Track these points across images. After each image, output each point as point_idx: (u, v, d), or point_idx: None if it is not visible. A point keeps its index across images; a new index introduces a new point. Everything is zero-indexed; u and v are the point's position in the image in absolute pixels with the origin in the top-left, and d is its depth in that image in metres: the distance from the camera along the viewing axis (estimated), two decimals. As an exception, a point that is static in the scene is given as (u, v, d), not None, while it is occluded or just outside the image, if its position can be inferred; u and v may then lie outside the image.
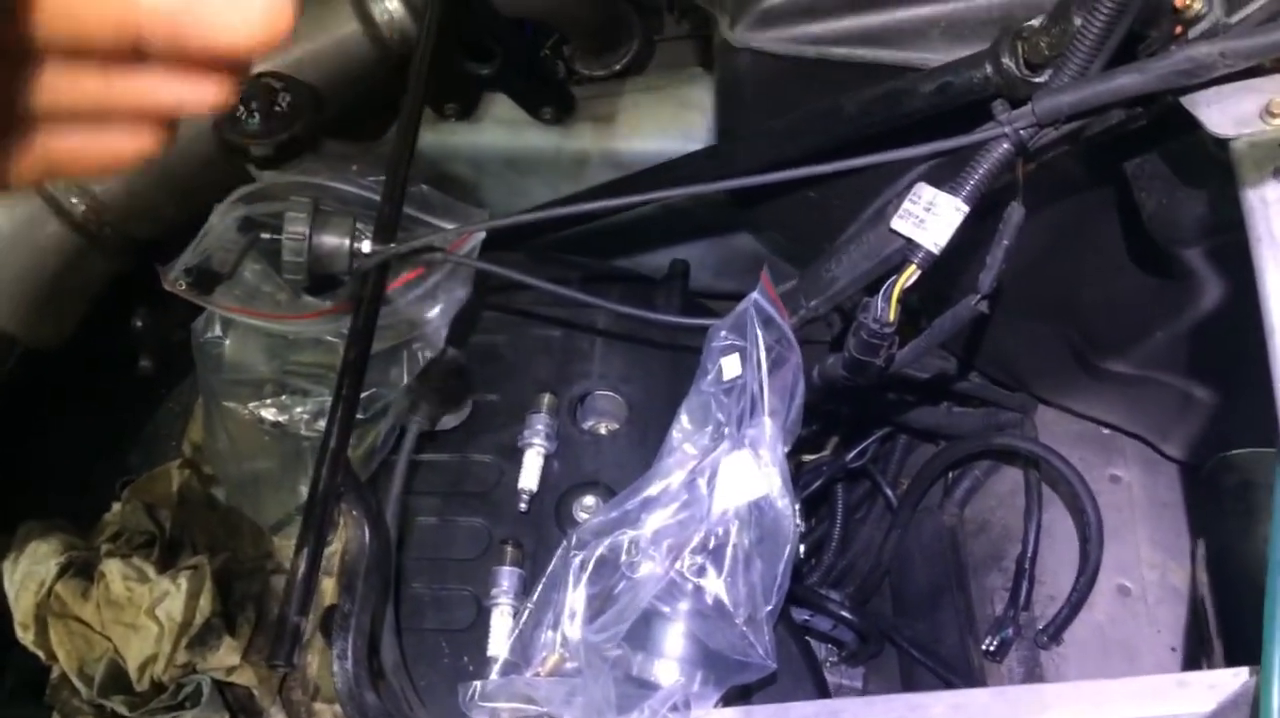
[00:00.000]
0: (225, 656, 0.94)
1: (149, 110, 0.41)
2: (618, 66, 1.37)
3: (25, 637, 0.97)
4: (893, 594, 1.27)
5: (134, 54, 0.38)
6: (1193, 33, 0.78)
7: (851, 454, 1.28)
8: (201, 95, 0.40)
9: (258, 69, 1.09)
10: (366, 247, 0.90)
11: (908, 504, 1.26)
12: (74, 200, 1.10)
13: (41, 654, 0.97)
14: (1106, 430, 1.27)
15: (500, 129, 1.26)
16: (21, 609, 0.96)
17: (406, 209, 0.95)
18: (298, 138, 1.03)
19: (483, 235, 0.97)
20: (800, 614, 1.12)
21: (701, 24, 1.41)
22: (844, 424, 1.29)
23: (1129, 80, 0.75)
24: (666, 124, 1.25)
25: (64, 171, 0.42)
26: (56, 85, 0.40)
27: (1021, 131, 0.79)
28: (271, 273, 0.95)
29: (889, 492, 1.29)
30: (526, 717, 0.85)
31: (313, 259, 0.90)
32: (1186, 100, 0.75)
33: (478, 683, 0.86)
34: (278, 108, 1.03)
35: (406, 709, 0.87)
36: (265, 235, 0.92)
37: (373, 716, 0.83)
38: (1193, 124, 0.76)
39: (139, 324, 1.29)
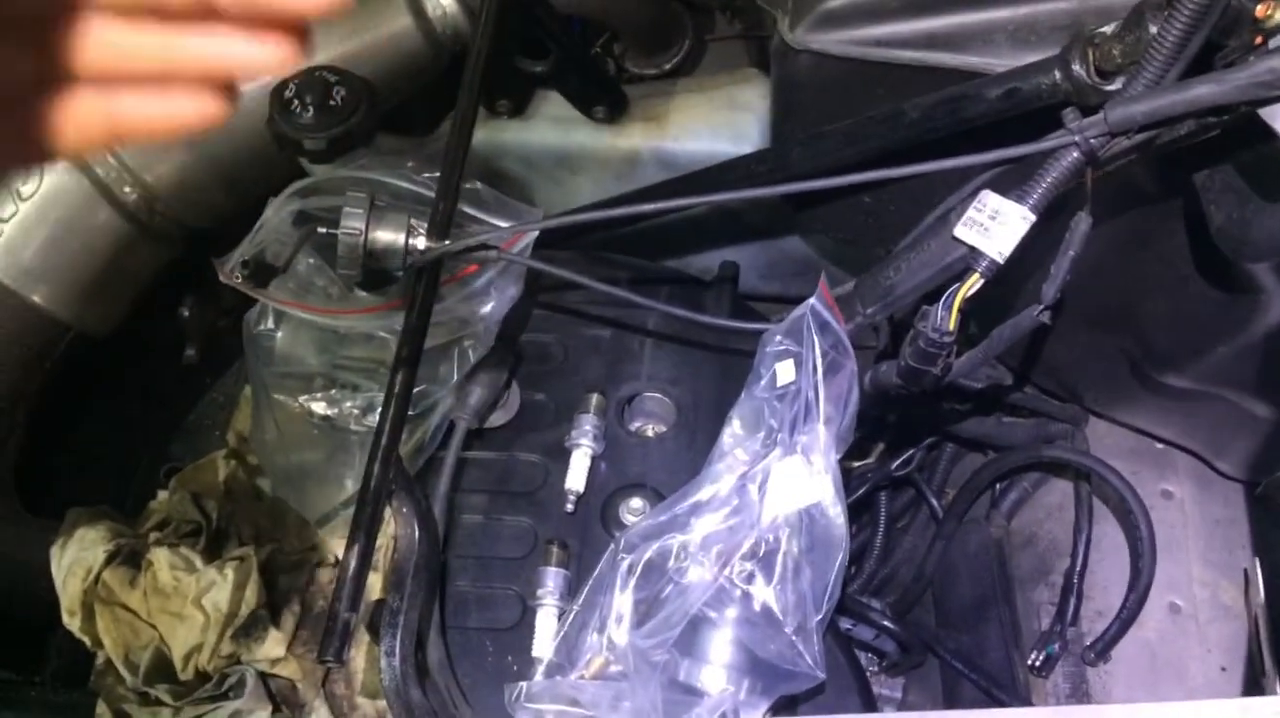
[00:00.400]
0: (270, 647, 0.94)
1: (213, 72, 0.40)
2: (668, 66, 1.37)
3: (72, 623, 0.97)
4: (936, 605, 1.25)
5: (202, 11, 0.38)
6: (1273, 43, 0.76)
7: (897, 462, 1.26)
8: (268, 56, 0.39)
9: (311, 63, 1.09)
10: (421, 243, 0.89)
11: (954, 514, 1.24)
12: (126, 189, 1.11)
13: (88, 641, 0.97)
14: (1160, 445, 1.25)
15: (552, 127, 1.25)
16: (69, 596, 0.97)
17: (460, 206, 0.95)
18: (351, 132, 1.03)
19: (535, 234, 0.97)
20: (842, 623, 1.11)
21: (754, 24, 1.40)
22: (889, 431, 1.27)
23: (1206, 91, 0.73)
24: (718, 125, 1.24)
25: (126, 136, 0.41)
26: (118, 44, 0.39)
27: (1092, 140, 0.77)
28: (325, 267, 0.95)
29: (934, 501, 1.27)
30: (571, 720, 0.85)
31: (367, 254, 0.90)
32: (1265, 112, 0.74)
33: (523, 684, 0.86)
34: (332, 101, 1.03)
35: (451, 707, 0.86)
36: (321, 230, 0.91)
37: (418, 713, 0.82)
38: (1269, 137, 0.74)
39: (186, 313, 1.30)
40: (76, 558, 0.97)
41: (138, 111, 0.40)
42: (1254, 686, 1.07)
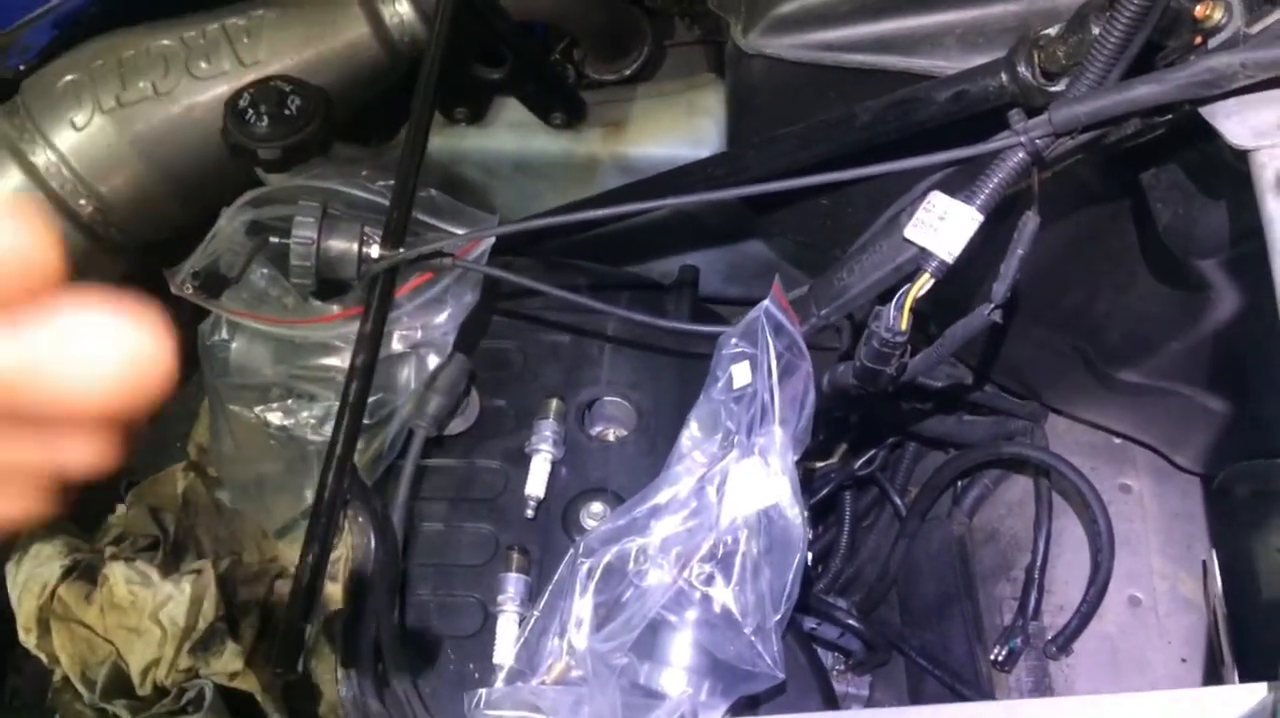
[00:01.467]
0: (229, 661, 0.93)
1: (22, 475, 0.34)
2: (628, 72, 1.37)
3: (28, 640, 0.96)
4: (900, 603, 1.26)
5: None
6: (1212, 43, 0.77)
7: (860, 462, 1.27)
8: (80, 457, 0.33)
9: (265, 73, 1.09)
10: (375, 251, 0.89)
11: (916, 513, 1.25)
12: (82, 202, 1.10)
13: (44, 658, 0.96)
14: (1118, 440, 1.26)
15: (510, 133, 1.25)
16: (24, 612, 0.96)
17: (415, 214, 0.95)
18: (307, 141, 1.02)
19: (491, 241, 0.97)
20: (807, 622, 1.11)
21: (713, 30, 1.40)
22: (852, 432, 1.28)
23: (1147, 90, 0.74)
24: (677, 130, 1.24)
25: None
26: None
27: (1038, 140, 0.78)
28: (279, 277, 0.94)
29: (897, 500, 1.28)
30: (533, 726, 0.85)
31: (321, 263, 0.89)
32: (1205, 111, 0.75)
33: (483, 691, 0.86)
34: (287, 111, 1.03)
35: (411, 717, 0.86)
36: (273, 239, 0.91)
37: (377, 724, 0.82)
38: (1211, 135, 0.75)
39: (144, 325, 1.28)
40: (32, 574, 0.96)
41: None
42: (1214, 676, 1.08)
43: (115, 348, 0.31)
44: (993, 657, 1.16)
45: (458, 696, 0.86)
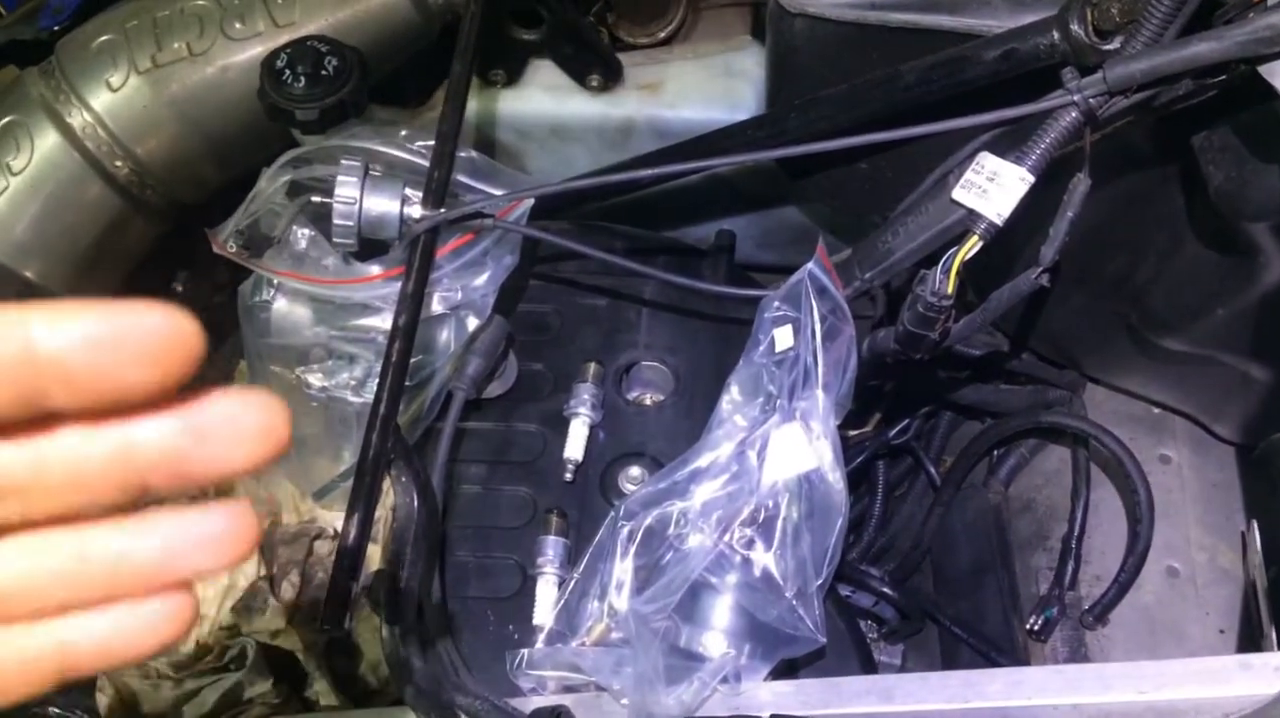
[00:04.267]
0: (271, 619, 0.94)
1: (166, 574, 0.33)
2: (662, 34, 1.35)
3: (71, 598, 0.97)
4: (934, 572, 1.25)
5: (130, 500, 0.32)
6: (1272, 0, 0.76)
7: (894, 430, 1.26)
8: (230, 537, 0.33)
9: (300, 34, 1.08)
10: (416, 212, 0.89)
11: (951, 482, 1.24)
12: (118, 164, 1.10)
13: (87, 616, 0.97)
14: (1157, 410, 1.25)
15: (546, 96, 1.24)
16: (67, 570, 0.96)
17: (455, 175, 0.94)
18: (344, 102, 1.02)
19: (531, 202, 0.96)
20: (841, 590, 1.11)
21: (749, -9, 1.39)
22: (887, 399, 1.27)
23: (1206, 48, 0.73)
24: (713, 93, 1.23)
25: (86, 669, 0.34)
26: (37, 568, 0.32)
27: (1091, 100, 0.77)
28: (320, 237, 0.94)
29: (932, 469, 1.27)
30: (573, 686, 0.85)
31: (363, 224, 0.89)
32: (1265, 70, 0.73)
33: (525, 651, 0.86)
34: (324, 71, 1.02)
35: (453, 676, 0.86)
36: (315, 199, 0.91)
37: (420, 681, 0.82)
38: (1271, 94, 0.74)
39: (179, 289, 1.29)
40: (74, 533, 0.97)
41: (92, 641, 0.33)
42: (1252, 647, 1.07)
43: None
44: (1028, 626, 1.16)
45: (498, 656, 0.86)
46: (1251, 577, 1.05)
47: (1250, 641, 1.08)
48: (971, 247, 0.81)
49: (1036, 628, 1.15)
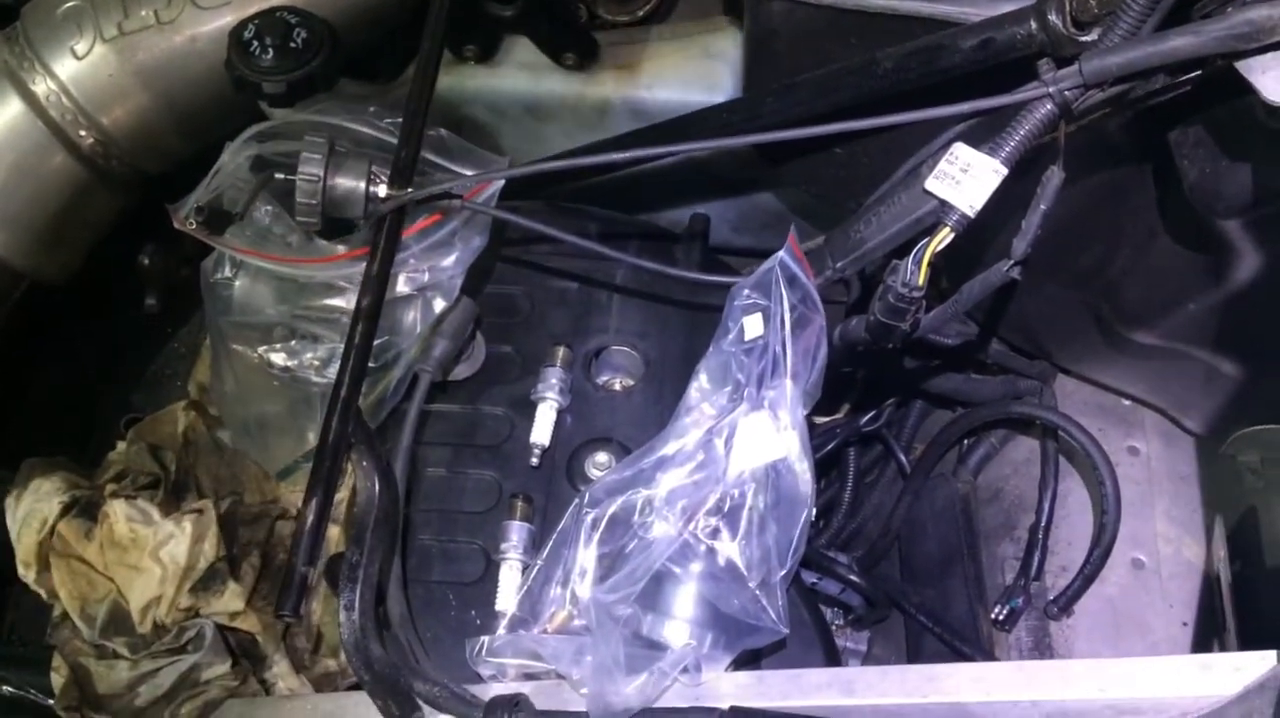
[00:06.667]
0: (229, 601, 0.92)
1: None
2: (640, 13, 1.33)
3: (27, 575, 0.95)
4: (902, 560, 1.25)
5: None
6: (1249, -5, 0.75)
7: (865, 418, 1.26)
8: None
9: (270, 3, 1.06)
10: (382, 191, 0.87)
11: (921, 470, 1.24)
12: (82, 133, 1.08)
13: (43, 593, 0.96)
14: (1126, 402, 1.25)
15: (520, 73, 1.22)
16: (24, 547, 0.95)
17: (424, 154, 0.93)
18: (312, 75, 1.00)
19: (501, 183, 0.95)
20: (808, 577, 1.11)
21: (729, -30, 1.37)
22: (859, 387, 1.27)
23: (1183, 42, 0.72)
24: (690, 74, 1.22)
25: None
26: None
27: (1066, 92, 0.76)
28: (284, 214, 0.92)
29: (902, 457, 1.27)
30: (534, 673, 0.85)
31: (327, 202, 0.88)
32: (1241, 65, 0.72)
33: (485, 638, 0.85)
34: (292, 43, 1.00)
35: (412, 661, 0.86)
36: (279, 175, 0.89)
37: (378, 667, 0.81)
38: (1245, 90, 0.73)
39: (146, 261, 1.26)
40: (31, 509, 0.95)
41: None
42: (1214, 641, 1.08)
43: None
44: (993, 616, 1.16)
45: (459, 642, 0.86)
46: (1216, 571, 1.06)
47: (1212, 634, 1.08)
48: (943, 238, 0.81)
49: (1001, 618, 1.16)
